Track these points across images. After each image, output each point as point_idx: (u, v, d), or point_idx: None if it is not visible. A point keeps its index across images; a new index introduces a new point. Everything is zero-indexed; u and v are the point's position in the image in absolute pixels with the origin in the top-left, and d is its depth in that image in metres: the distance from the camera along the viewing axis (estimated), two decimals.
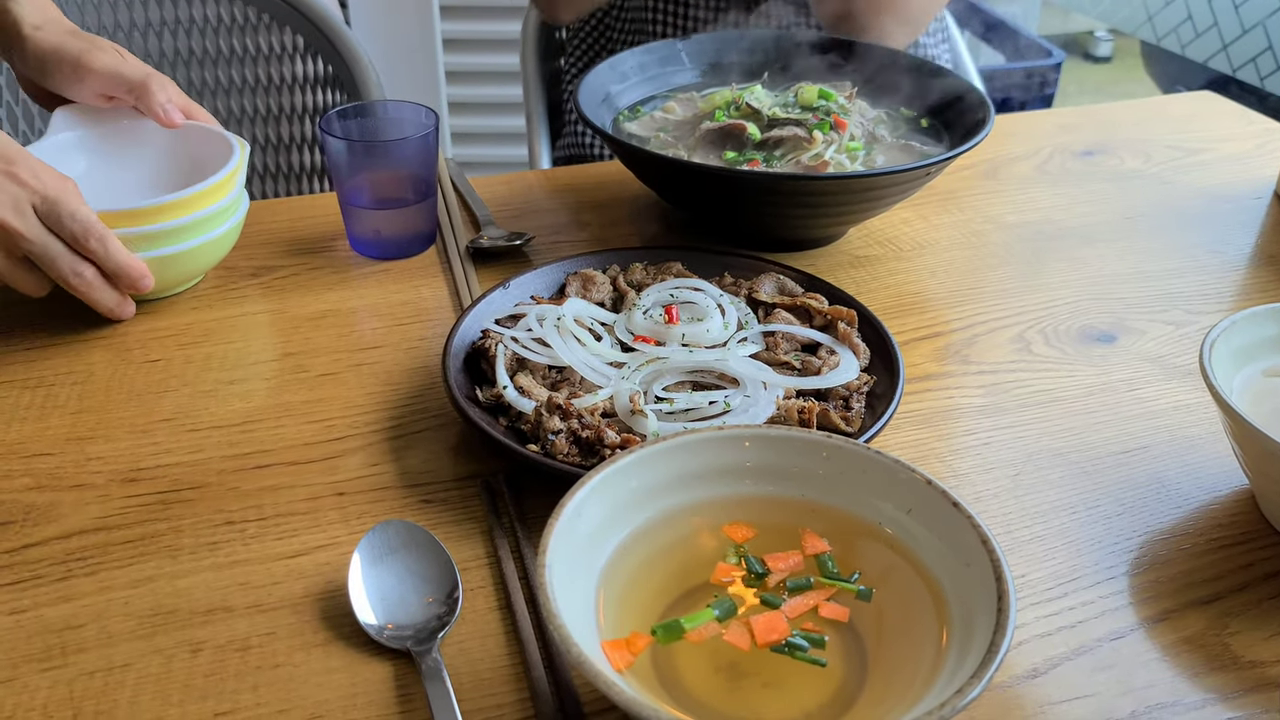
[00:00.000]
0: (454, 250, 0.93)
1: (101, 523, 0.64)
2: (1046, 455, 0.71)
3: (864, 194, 0.87)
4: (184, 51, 1.35)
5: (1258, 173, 1.13)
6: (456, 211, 1.00)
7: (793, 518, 0.57)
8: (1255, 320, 0.69)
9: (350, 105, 0.93)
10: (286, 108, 1.40)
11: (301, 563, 0.61)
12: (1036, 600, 0.60)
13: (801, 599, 0.52)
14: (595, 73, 1.02)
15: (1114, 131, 1.23)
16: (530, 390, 0.70)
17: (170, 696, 0.53)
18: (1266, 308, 0.69)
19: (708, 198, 0.89)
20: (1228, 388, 0.65)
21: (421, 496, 0.66)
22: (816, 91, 1.00)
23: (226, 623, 0.57)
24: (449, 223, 0.98)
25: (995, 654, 0.45)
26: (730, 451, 0.58)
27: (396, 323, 0.84)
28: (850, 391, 0.71)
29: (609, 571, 0.53)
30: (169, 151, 0.90)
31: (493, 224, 0.98)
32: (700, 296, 0.78)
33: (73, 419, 0.72)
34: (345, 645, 0.56)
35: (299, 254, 0.93)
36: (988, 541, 0.50)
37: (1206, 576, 0.62)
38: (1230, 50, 2.19)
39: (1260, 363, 0.69)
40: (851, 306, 0.78)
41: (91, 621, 0.57)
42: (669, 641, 0.50)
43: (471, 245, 0.94)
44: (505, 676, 0.55)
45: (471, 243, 0.94)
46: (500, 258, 0.94)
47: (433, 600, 0.58)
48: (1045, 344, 0.83)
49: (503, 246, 0.93)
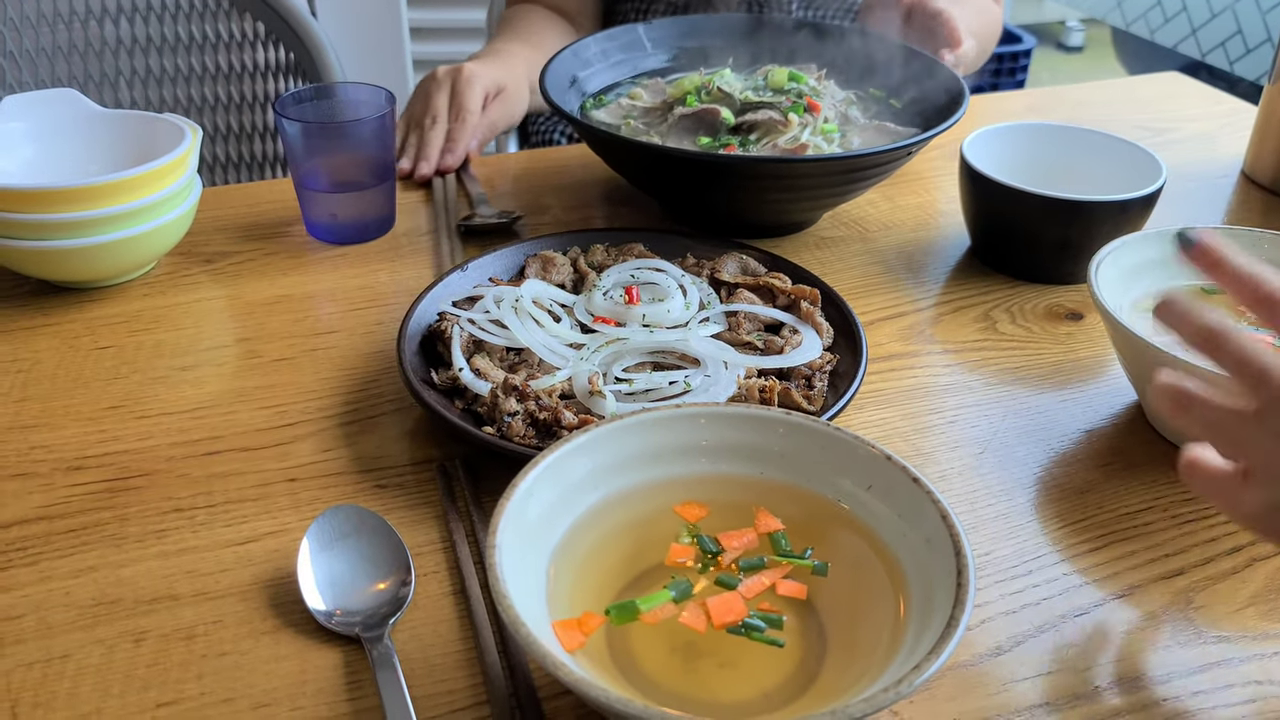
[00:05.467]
0: (443, 229, 0.93)
1: (44, 512, 0.62)
2: (1012, 433, 0.70)
3: (845, 175, 0.86)
4: (141, 38, 1.32)
5: (1224, 151, 1.13)
6: (452, 189, 1.01)
7: (748, 496, 0.56)
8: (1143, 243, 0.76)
9: (306, 87, 0.91)
10: (247, 96, 1.37)
11: (251, 549, 0.60)
12: (1001, 578, 0.59)
13: (757, 578, 0.51)
14: (559, 59, 1.00)
15: (1083, 112, 1.23)
16: (487, 372, 0.68)
17: (110, 688, 0.51)
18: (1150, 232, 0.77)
19: (686, 184, 0.87)
20: (1117, 304, 0.70)
21: (375, 482, 0.65)
22: (786, 74, 0.99)
23: (171, 611, 0.56)
24: (443, 200, 0.98)
25: (954, 629, 0.44)
26: (685, 430, 0.56)
27: (353, 307, 0.82)
28: (813, 370, 0.70)
29: (561, 552, 0.52)
30: (119, 140, 0.87)
31: (486, 203, 0.98)
32: (661, 277, 0.77)
33: (16, 407, 0.70)
34: (294, 633, 0.55)
35: (254, 239, 0.91)
36: (947, 516, 0.50)
37: (1170, 552, 0.61)
38: (1199, 35, 2.20)
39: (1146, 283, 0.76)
40: (815, 286, 0.77)
41: (30, 612, 0.55)
42: (623, 622, 0.49)
43: (463, 224, 0.93)
44: (458, 662, 0.53)
45: (463, 220, 0.94)
46: (489, 235, 0.93)
47: (384, 586, 0.56)
48: (1011, 322, 0.82)
49: (494, 224, 0.93)
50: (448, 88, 1.07)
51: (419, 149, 1.04)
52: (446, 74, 1.07)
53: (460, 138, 1.04)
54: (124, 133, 0.87)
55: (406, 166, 1.04)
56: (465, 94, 1.05)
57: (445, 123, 1.05)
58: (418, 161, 1.03)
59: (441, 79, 1.07)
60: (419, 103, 1.08)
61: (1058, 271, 0.87)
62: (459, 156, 1.04)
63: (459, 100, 1.05)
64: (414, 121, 1.07)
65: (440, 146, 1.04)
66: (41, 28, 1.28)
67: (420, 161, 1.03)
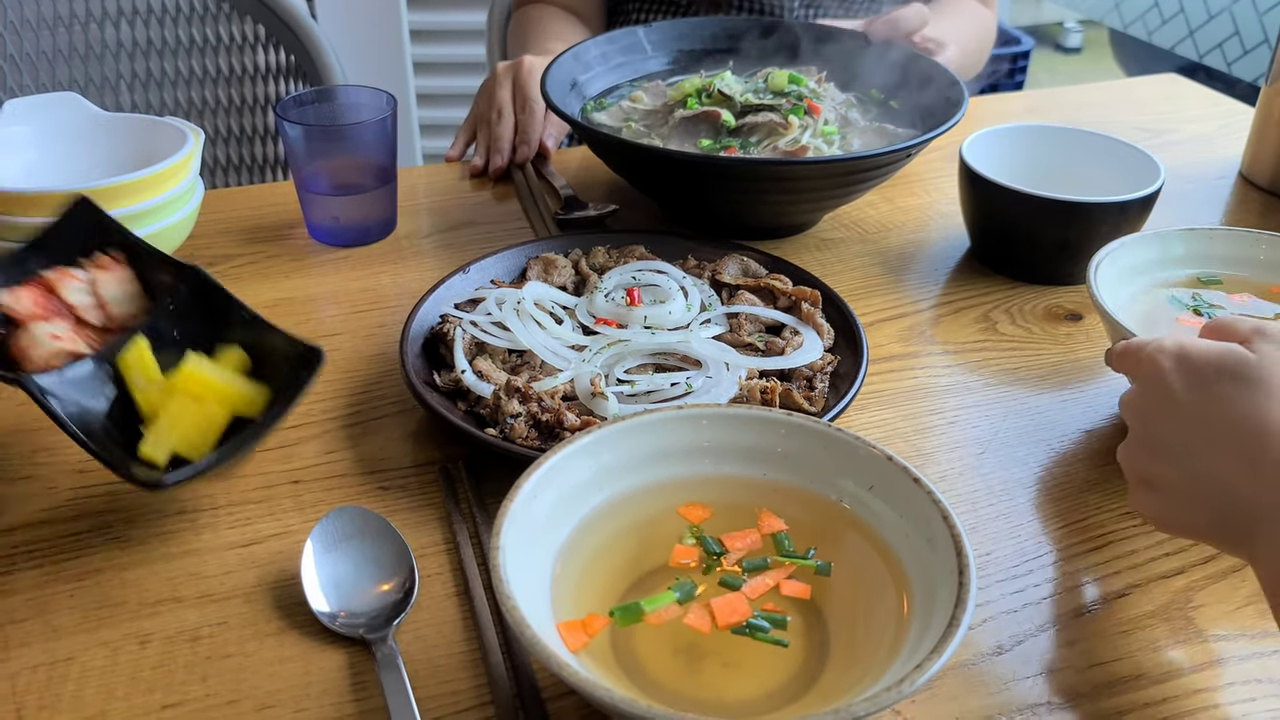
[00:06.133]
0: (538, 222, 0.95)
1: (48, 515, 0.62)
2: (1012, 433, 0.71)
3: (845, 177, 0.86)
4: (141, 41, 1.32)
5: (1222, 152, 1.13)
6: (535, 181, 1.02)
7: (751, 497, 0.56)
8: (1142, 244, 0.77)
9: (308, 91, 0.91)
10: (248, 98, 1.38)
11: (255, 551, 0.60)
12: (1002, 577, 0.60)
13: (761, 579, 0.51)
14: (559, 63, 1.00)
15: (1081, 113, 1.23)
16: (489, 374, 0.68)
17: (115, 690, 0.52)
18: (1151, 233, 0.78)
19: (687, 186, 0.87)
20: (1116, 305, 0.70)
21: (378, 484, 0.65)
22: (786, 76, 0.99)
23: (176, 613, 0.56)
24: (530, 195, 1.00)
25: (956, 628, 0.45)
26: (688, 431, 0.57)
27: (355, 310, 0.82)
28: (814, 372, 0.70)
29: (565, 554, 0.52)
30: (121, 144, 0.88)
31: (575, 196, 0.99)
32: (663, 279, 0.77)
33: (19, 410, 0.70)
34: (299, 634, 0.55)
35: (256, 242, 0.91)
36: (948, 516, 0.50)
37: (1170, 551, 0.61)
38: (1197, 36, 2.20)
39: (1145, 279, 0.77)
40: (815, 287, 0.78)
41: (35, 615, 0.56)
42: (628, 624, 0.49)
43: (560, 215, 0.95)
44: (462, 663, 0.54)
45: (556, 214, 0.95)
46: (586, 228, 0.94)
47: (388, 588, 0.57)
48: (1011, 323, 0.83)
49: (591, 217, 0.95)
50: (509, 82, 1.07)
51: (489, 144, 1.05)
52: (507, 69, 1.08)
53: (531, 128, 1.04)
54: (126, 136, 0.88)
55: (479, 163, 1.04)
56: (529, 85, 1.05)
57: (512, 115, 1.05)
58: (490, 155, 1.03)
59: (502, 75, 1.08)
60: (483, 100, 1.09)
61: (1057, 272, 0.87)
62: (533, 146, 1.04)
63: (523, 92, 1.05)
64: (480, 119, 1.08)
65: (510, 139, 1.04)
66: (42, 31, 1.29)
67: (493, 155, 1.03)
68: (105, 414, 0.60)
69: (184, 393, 0.58)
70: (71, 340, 0.62)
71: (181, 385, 0.59)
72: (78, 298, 0.64)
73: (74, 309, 0.64)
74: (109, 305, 0.65)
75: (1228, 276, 0.77)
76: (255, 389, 0.60)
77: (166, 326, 0.63)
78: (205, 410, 0.58)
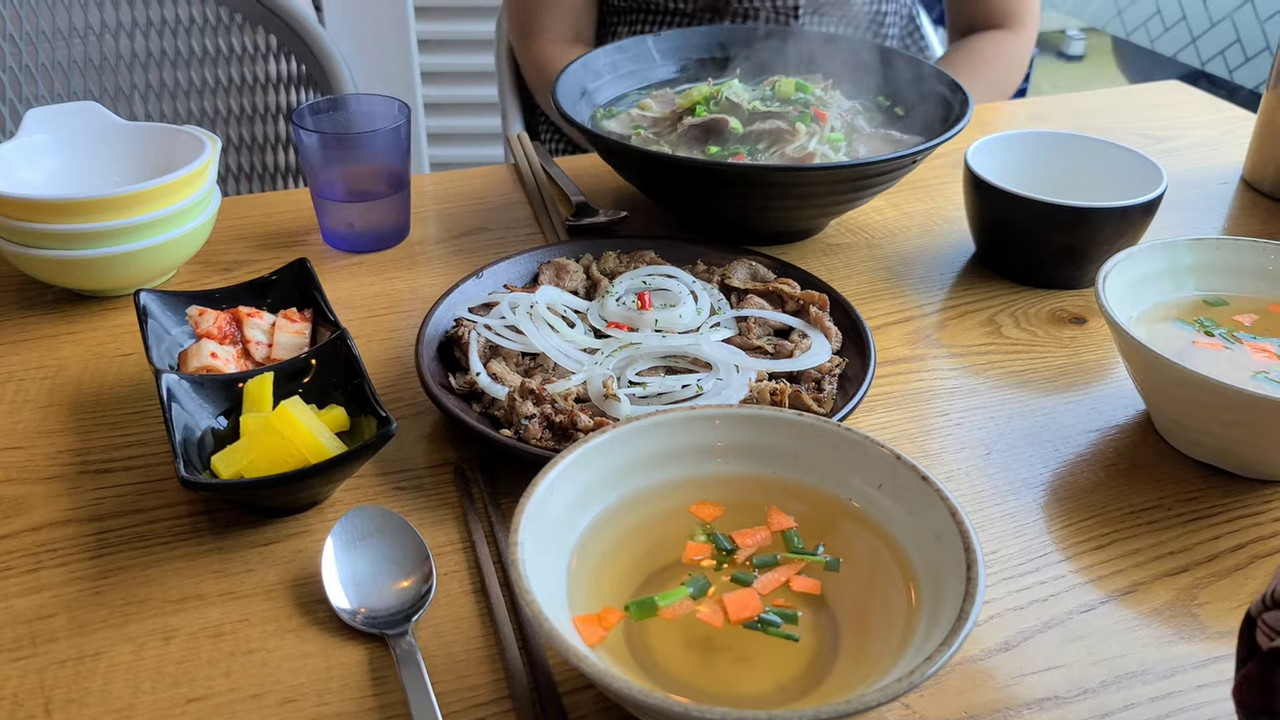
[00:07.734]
0: (550, 229, 0.97)
1: (72, 514, 0.63)
2: (1018, 434, 0.72)
3: (852, 183, 0.87)
4: (155, 52, 1.34)
5: (1224, 158, 1.14)
6: (548, 191, 1.03)
7: (762, 495, 0.57)
8: (1150, 254, 0.76)
9: (322, 99, 0.93)
10: (260, 107, 1.39)
11: (275, 549, 0.61)
12: (1008, 575, 0.61)
13: (772, 574, 0.53)
14: (569, 71, 1.02)
15: (1084, 120, 1.24)
16: (503, 377, 0.70)
17: (142, 684, 0.53)
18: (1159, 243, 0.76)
19: (696, 193, 0.89)
20: (1126, 316, 0.71)
21: (395, 484, 0.66)
22: (793, 84, 1.01)
23: (199, 610, 0.57)
24: (541, 202, 1.01)
25: (965, 622, 0.46)
26: (701, 431, 0.58)
27: (370, 314, 0.84)
28: (822, 374, 0.71)
29: (581, 550, 0.53)
30: (140, 152, 0.89)
31: (586, 203, 1.01)
32: (673, 283, 0.78)
33: (43, 412, 0.72)
34: (319, 630, 0.56)
35: (272, 248, 0.93)
36: (956, 513, 0.51)
37: (1174, 549, 0.62)
38: (1199, 43, 2.21)
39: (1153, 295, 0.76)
40: (823, 291, 0.79)
41: (62, 611, 0.57)
42: (642, 618, 0.51)
43: (570, 222, 0.96)
44: (480, 658, 0.55)
45: (567, 221, 0.97)
46: (596, 234, 0.96)
47: (406, 585, 0.58)
48: (1016, 327, 0.84)
49: (601, 224, 0.96)
50: None
51: None
52: None
53: None
54: (145, 144, 0.89)
55: None
56: None
57: None
58: None
59: None
60: None
61: (1061, 277, 0.88)
62: None
63: None
64: None
65: None
66: (58, 42, 1.30)
67: None
68: (211, 425, 0.66)
69: (274, 428, 0.61)
70: (226, 364, 0.70)
71: (276, 420, 0.62)
72: (254, 334, 0.73)
73: (247, 341, 0.73)
74: (275, 348, 0.73)
75: (1234, 298, 0.76)
76: (337, 446, 0.63)
77: (301, 373, 0.69)
78: (284, 448, 0.61)
